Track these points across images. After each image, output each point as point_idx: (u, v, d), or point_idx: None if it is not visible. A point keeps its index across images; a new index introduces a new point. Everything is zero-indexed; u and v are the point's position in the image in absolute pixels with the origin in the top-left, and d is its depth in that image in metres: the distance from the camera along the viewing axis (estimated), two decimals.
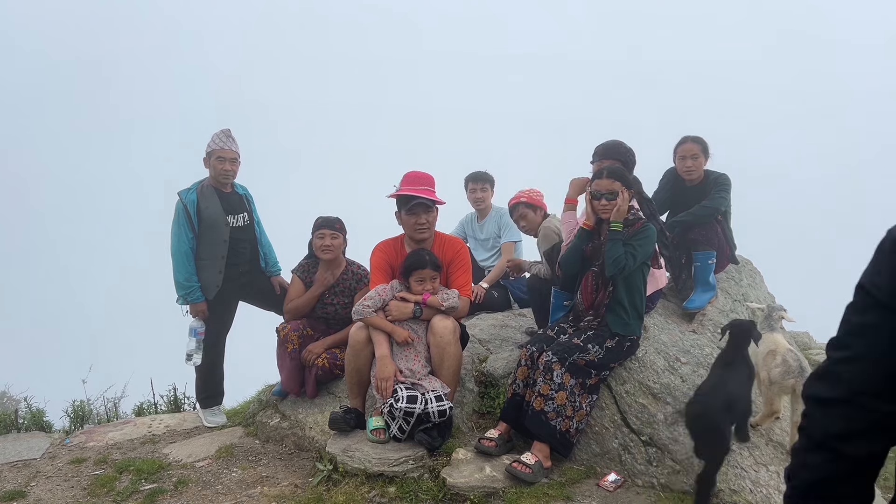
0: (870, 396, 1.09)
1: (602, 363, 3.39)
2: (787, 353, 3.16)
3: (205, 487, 3.65)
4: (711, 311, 4.24)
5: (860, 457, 1.12)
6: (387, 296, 3.64)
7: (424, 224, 3.69)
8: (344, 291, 4.29)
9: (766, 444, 3.29)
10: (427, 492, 3.18)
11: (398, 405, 3.36)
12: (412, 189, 3.67)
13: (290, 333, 4.15)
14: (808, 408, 1.20)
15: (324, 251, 4.19)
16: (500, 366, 4.11)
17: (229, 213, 4.57)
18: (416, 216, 3.67)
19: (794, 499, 1.19)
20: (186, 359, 4.53)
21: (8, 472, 4.00)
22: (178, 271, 4.44)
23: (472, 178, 5.52)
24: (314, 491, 3.40)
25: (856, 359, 1.12)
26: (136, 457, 4.11)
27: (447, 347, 3.54)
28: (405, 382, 3.48)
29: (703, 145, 4.38)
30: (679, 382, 3.47)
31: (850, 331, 1.15)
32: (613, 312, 3.47)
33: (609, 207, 3.51)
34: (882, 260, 1.14)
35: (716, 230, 4.27)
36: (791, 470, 1.20)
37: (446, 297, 3.62)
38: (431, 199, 3.68)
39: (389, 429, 3.48)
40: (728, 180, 4.35)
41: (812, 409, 1.18)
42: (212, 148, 4.52)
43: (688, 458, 3.16)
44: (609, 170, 3.58)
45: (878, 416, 1.10)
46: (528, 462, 3.20)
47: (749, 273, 4.85)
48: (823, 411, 1.16)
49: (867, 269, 1.16)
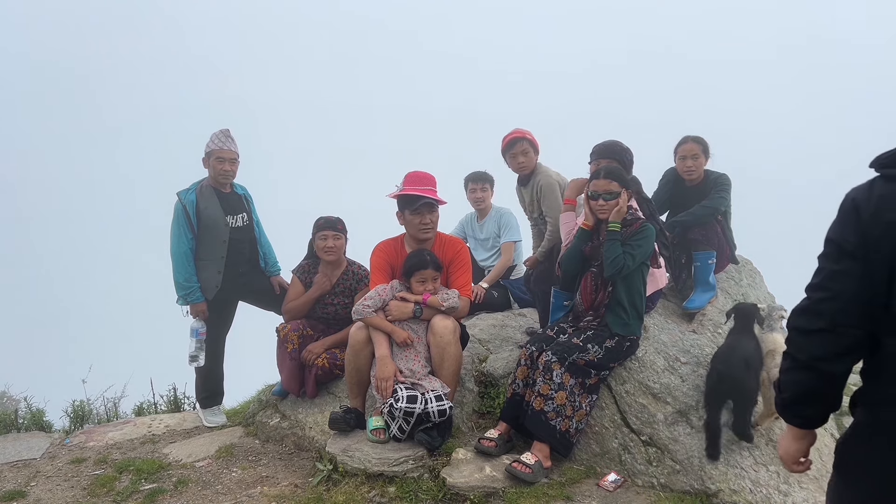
0: (847, 326, 1.46)
1: (602, 363, 3.39)
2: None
3: (205, 487, 3.65)
4: (711, 311, 4.24)
5: (837, 373, 1.51)
6: (387, 296, 3.64)
7: (429, 224, 3.70)
8: (344, 291, 4.28)
9: (765, 444, 3.29)
10: (427, 492, 3.18)
11: (398, 405, 3.36)
12: (416, 189, 3.67)
13: (289, 333, 4.14)
14: (793, 337, 1.57)
15: (327, 252, 4.19)
16: (499, 366, 4.11)
17: (228, 214, 4.57)
18: (420, 216, 3.67)
19: (786, 407, 1.61)
20: (190, 360, 4.54)
21: (8, 471, 4.00)
22: (177, 272, 4.44)
23: (472, 177, 5.51)
24: (314, 491, 3.40)
25: (834, 298, 1.47)
26: (136, 457, 4.11)
27: (447, 347, 3.54)
28: (405, 382, 3.48)
29: (704, 145, 4.39)
30: (679, 382, 3.47)
31: (827, 276, 1.50)
32: (613, 313, 3.47)
33: (607, 207, 3.50)
34: (846, 219, 1.47)
35: (716, 230, 4.28)
36: (781, 384, 1.61)
37: (446, 297, 3.62)
38: (436, 199, 3.69)
39: (389, 429, 3.48)
40: (728, 180, 4.35)
41: (797, 338, 1.56)
42: (211, 148, 4.52)
43: (688, 458, 3.16)
44: (606, 170, 3.58)
45: (852, 341, 1.46)
46: (528, 462, 3.20)
47: (749, 273, 4.85)
48: (808, 339, 1.52)
49: (833, 226, 1.50)
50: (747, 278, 4.75)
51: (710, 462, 3.13)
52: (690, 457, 3.16)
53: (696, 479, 3.10)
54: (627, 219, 3.53)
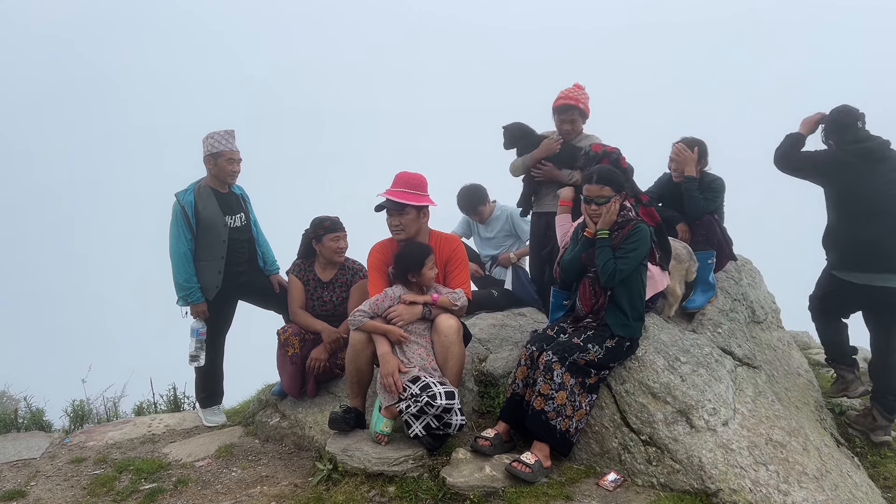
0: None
1: (602, 363, 3.38)
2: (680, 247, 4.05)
3: (204, 487, 3.65)
4: (711, 310, 4.24)
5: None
6: (383, 304, 3.60)
7: (399, 225, 3.71)
8: (342, 286, 4.32)
9: (765, 444, 3.29)
10: (427, 491, 3.18)
11: (437, 402, 3.28)
12: (392, 192, 3.70)
13: (290, 337, 4.15)
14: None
15: (338, 253, 4.24)
16: (499, 365, 4.11)
17: (227, 214, 4.57)
18: (390, 217, 3.73)
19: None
20: (190, 360, 4.53)
21: (8, 471, 4.00)
22: (177, 273, 4.44)
23: (464, 210, 5.57)
24: (314, 490, 3.40)
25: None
26: (136, 456, 4.11)
27: (451, 347, 3.54)
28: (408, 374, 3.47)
29: (700, 147, 4.39)
30: (679, 382, 3.47)
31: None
32: (614, 315, 3.46)
33: (600, 212, 3.50)
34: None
35: (714, 230, 4.28)
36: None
37: (455, 296, 3.63)
38: (401, 200, 3.65)
39: (411, 428, 3.41)
40: (721, 184, 4.37)
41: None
42: (219, 149, 4.49)
43: (688, 457, 3.16)
44: (599, 173, 3.57)
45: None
46: (528, 461, 3.19)
47: (749, 273, 4.84)
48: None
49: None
50: (747, 278, 4.75)
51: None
52: (690, 456, 3.16)
53: (696, 479, 3.10)
54: (619, 221, 3.51)
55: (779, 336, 4.67)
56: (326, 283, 4.32)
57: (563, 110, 4.50)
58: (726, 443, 3.22)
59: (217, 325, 4.63)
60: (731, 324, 4.19)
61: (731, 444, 3.22)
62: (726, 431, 3.28)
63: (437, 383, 3.39)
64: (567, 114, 4.49)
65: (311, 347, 4.16)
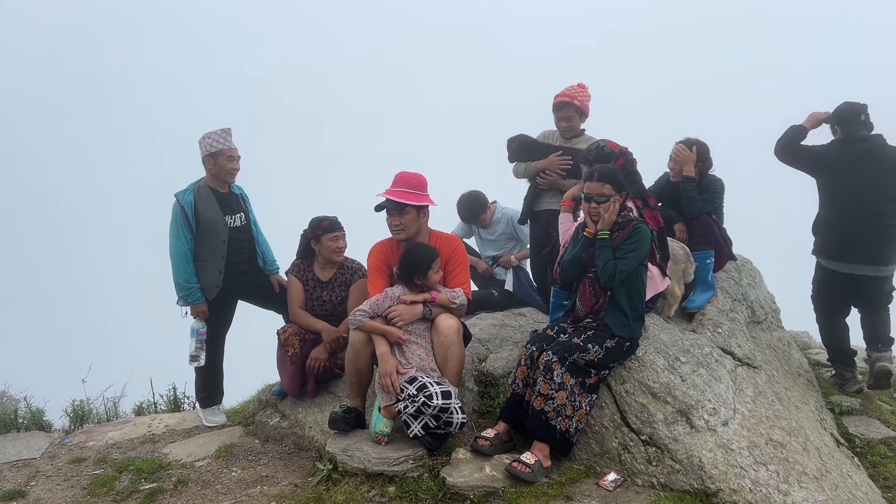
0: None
1: (602, 363, 3.38)
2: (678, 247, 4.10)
3: (204, 487, 3.65)
4: (711, 310, 4.24)
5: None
6: (383, 304, 3.60)
7: (399, 225, 3.71)
8: (341, 285, 4.32)
9: (765, 444, 3.29)
10: (427, 491, 3.18)
11: (433, 402, 3.30)
12: (390, 191, 3.71)
13: (290, 337, 4.15)
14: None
15: (338, 253, 4.23)
16: (499, 365, 4.11)
17: (227, 214, 4.57)
18: (390, 217, 3.74)
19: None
20: (190, 360, 4.53)
21: (8, 471, 4.00)
22: (177, 273, 4.44)
23: (464, 218, 5.57)
24: (314, 490, 3.40)
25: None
26: (136, 456, 4.11)
27: (451, 347, 3.54)
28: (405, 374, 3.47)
29: (700, 148, 4.39)
30: (679, 382, 3.47)
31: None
32: (614, 315, 3.46)
33: (599, 211, 3.49)
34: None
35: (713, 230, 4.28)
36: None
37: (454, 295, 3.63)
38: (401, 201, 3.65)
39: (410, 428, 3.42)
40: (720, 185, 4.38)
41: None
42: (218, 148, 4.49)
43: (688, 457, 3.16)
44: (600, 172, 3.56)
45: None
46: (528, 461, 3.19)
47: (749, 273, 4.85)
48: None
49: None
50: (747, 278, 4.75)
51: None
52: (690, 456, 3.16)
53: (696, 479, 3.10)
54: (619, 221, 3.51)
55: (779, 336, 4.68)
56: (325, 282, 4.32)
57: (560, 108, 4.55)
58: (726, 443, 3.22)
59: (217, 325, 4.63)
60: (731, 324, 4.19)
61: (731, 444, 3.22)
62: (726, 431, 3.29)
63: (434, 383, 3.40)
64: (563, 111, 4.53)
65: (311, 347, 4.17)
